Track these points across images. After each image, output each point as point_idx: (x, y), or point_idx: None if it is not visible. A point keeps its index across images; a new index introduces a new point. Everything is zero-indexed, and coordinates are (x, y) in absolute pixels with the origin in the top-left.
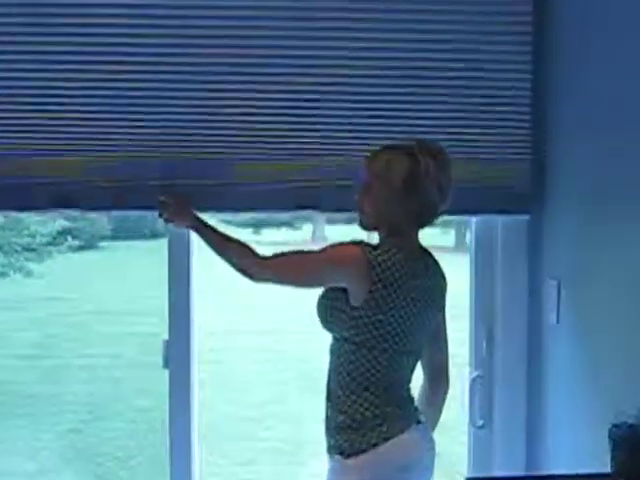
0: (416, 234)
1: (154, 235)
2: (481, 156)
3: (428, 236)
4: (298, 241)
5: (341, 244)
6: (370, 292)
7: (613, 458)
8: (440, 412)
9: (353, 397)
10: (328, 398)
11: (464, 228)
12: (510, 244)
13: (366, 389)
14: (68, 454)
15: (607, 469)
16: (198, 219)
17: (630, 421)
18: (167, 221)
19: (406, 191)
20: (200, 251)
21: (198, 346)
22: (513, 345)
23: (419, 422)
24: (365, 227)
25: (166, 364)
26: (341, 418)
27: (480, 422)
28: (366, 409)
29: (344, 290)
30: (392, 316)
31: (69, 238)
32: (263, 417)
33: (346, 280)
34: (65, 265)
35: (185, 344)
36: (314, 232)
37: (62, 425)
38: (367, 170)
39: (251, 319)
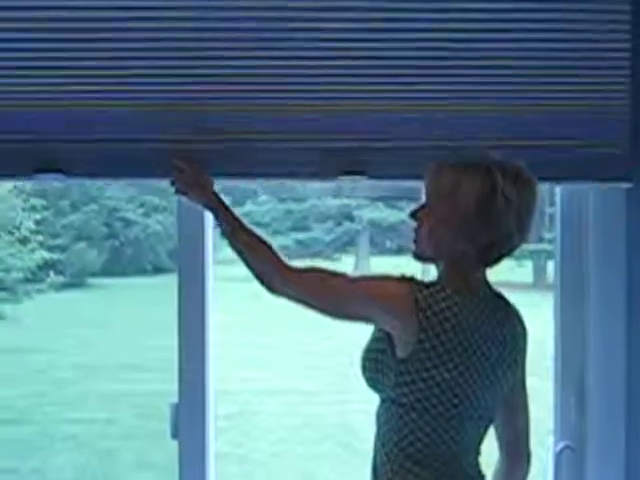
0: (483, 272)
1: (157, 270)
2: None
3: (500, 269)
4: None
5: (386, 277)
6: (419, 341)
7: None
8: None
9: (402, 472)
10: (374, 475)
11: (544, 260)
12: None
13: (417, 463)
14: None
15: None
16: (218, 197)
17: None
18: (179, 192)
19: (477, 218)
20: (219, 292)
21: (214, 410)
22: (609, 408)
23: None
24: (419, 258)
25: (175, 433)
26: None
27: None
28: None
29: (391, 340)
30: (447, 371)
31: (51, 273)
32: None
33: (385, 321)
34: (46, 307)
35: (199, 408)
36: (357, 265)
37: None
38: (429, 187)
39: (279, 375)
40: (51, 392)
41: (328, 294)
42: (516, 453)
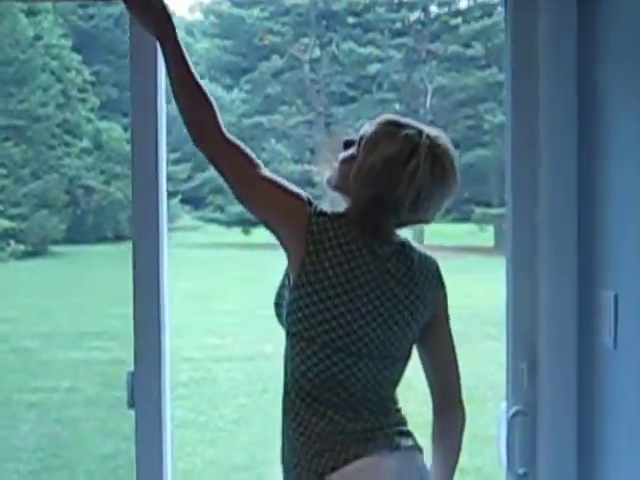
0: (390, 224)
1: (119, 237)
2: None
3: (461, 233)
4: None
5: (293, 192)
6: (302, 264)
7: None
8: (457, 450)
9: (298, 403)
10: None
11: (499, 223)
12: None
13: (308, 394)
14: None
15: None
16: (172, 25)
17: None
18: (129, 9)
19: (381, 174)
20: (175, 260)
21: (171, 377)
22: (561, 372)
23: (398, 447)
24: (331, 185)
25: (132, 402)
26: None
27: (521, 470)
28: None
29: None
30: (329, 299)
31: (11, 242)
32: (252, 464)
33: (277, 229)
34: (6, 276)
35: (155, 376)
36: None
37: (7, 476)
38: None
39: (239, 341)
40: (13, 361)
41: (240, 177)
42: (446, 402)
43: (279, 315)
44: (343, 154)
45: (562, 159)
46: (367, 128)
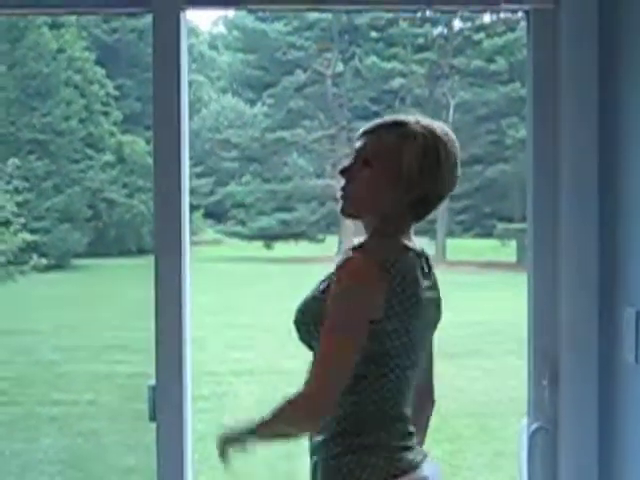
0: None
1: (141, 250)
2: None
3: (484, 249)
4: (321, 257)
5: (353, 270)
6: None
7: None
8: (425, 432)
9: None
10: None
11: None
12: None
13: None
14: None
15: None
16: (241, 436)
17: None
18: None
19: (420, 178)
20: (197, 274)
21: (194, 391)
22: (582, 389)
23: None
24: (348, 213)
25: (153, 415)
26: None
27: None
28: None
29: None
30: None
31: (34, 256)
32: (276, 477)
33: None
34: (29, 289)
35: (177, 389)
36: (340, 245)
37: None
38: (367, 147)
39: (261, 355)
40: (35, 374)
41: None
42: (425, 399)
43: (302, 323)
44: (344, 180)
45: (583, 174)
46: (366, 142)
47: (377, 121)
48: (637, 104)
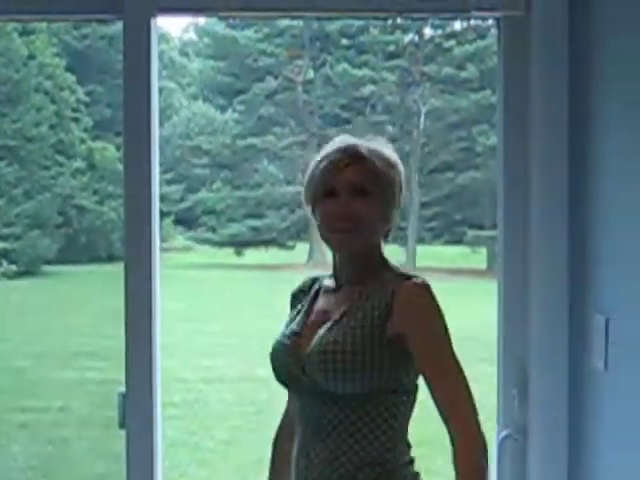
0: None
1: (111, 258)
2: None
3: (454, 255)
4: (291, 264)
5: (436, 307)
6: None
7: None
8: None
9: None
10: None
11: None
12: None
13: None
14: None
15: None
16: None
17: None
18: None
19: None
20: (167, 280)
21: (163, 398)
22: (552, 397)
23: None
24: (353, 247)
25: (123, 422)
26: None
27: None
28: None
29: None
30: None
31: (4, 262)
32: None
33: None
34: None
35: (147, 396)
36: (310, 253)
37: None
38: (363, 171)
39: (232, 363)
40: (4, 381)
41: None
42: None
43: (344, 352)
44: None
45: (553, 182)
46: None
47: (356, 149)
48: (607, 112)
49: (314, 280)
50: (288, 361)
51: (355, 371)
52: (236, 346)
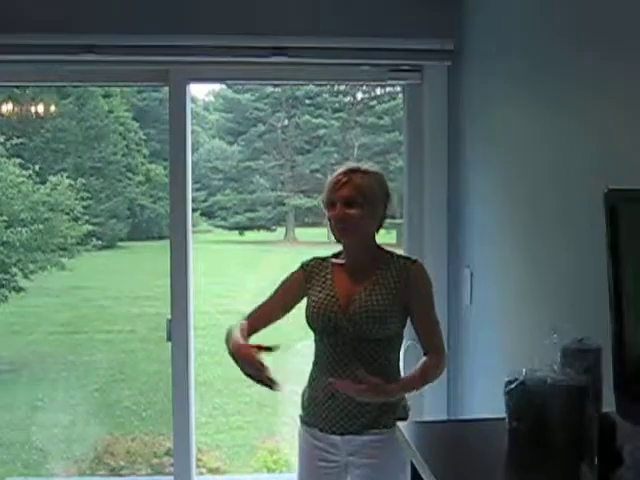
0: None
1: (161, 237)
2: None
3: (377, 236)
4: (274, 241)
5: (431, 282)
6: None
7: (507, 405)
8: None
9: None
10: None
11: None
12: (435, 239)
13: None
14: (94, 409)
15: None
16: (400, 387)
17: (520, 378)
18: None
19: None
20: (196, 251)
21: (195, 323)
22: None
23: None
24: (356, 234)
25: (169, 338)
26: None
27: None
28: None
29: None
30: None
31: (94, 239)
32: (246, 378)
33: None
34: (90, 261)
35: (184, 322)
36: (286, 233)
37: (89, 386)
38: (355, 191)
39: (237, 302)
40: (94, 313)
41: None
42: None
43: (385, 313)
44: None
45: (437, 189)
46: (357, 191)
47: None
48: (470, 142)
49: (322, 259)
50: (337, 317)
51: (387, 323)
52: (239, 291)
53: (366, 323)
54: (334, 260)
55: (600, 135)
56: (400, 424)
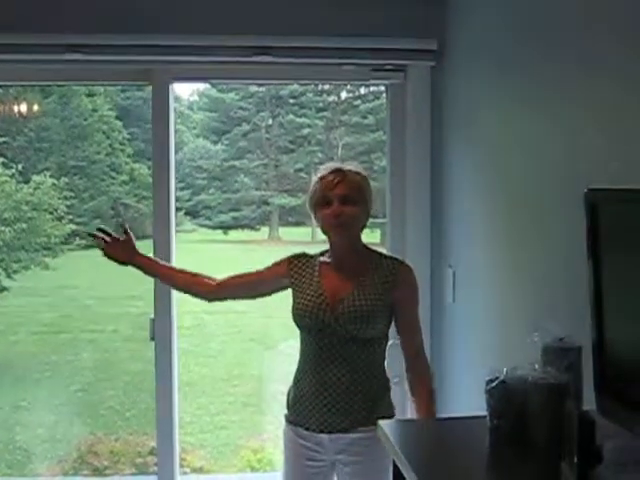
0: None
1: (145, 236)
2: None
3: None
4: (257, 240)
5: (417, 284)
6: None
7: (488, 404)
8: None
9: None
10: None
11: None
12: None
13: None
14: (78, 408)
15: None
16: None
17: (501, 377)
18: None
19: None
20: (180, 250)
21: (178, 322)
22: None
23: None
24: (347, 236)
25: (152, 337)
26: None
27: (395, 379)
28: None
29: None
30: None
31: (77, 239)
32: (230, 377)
33: None
34: (74, 261)
35: (167, 321)
36: (270, 233)
37: (73, 386)
38: (349, 189)
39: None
40: (78, 313)
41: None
42: None
43: (375, 313)
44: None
45: (420, 189)
46: (351, 189)
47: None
48: (452, 145)
49: (310, 256)
50: (324, 315)
51: (375, 323)
52: None
53: (354, 323)
54: (322, 258)
55: (579, 136)
56: (382, 422)
